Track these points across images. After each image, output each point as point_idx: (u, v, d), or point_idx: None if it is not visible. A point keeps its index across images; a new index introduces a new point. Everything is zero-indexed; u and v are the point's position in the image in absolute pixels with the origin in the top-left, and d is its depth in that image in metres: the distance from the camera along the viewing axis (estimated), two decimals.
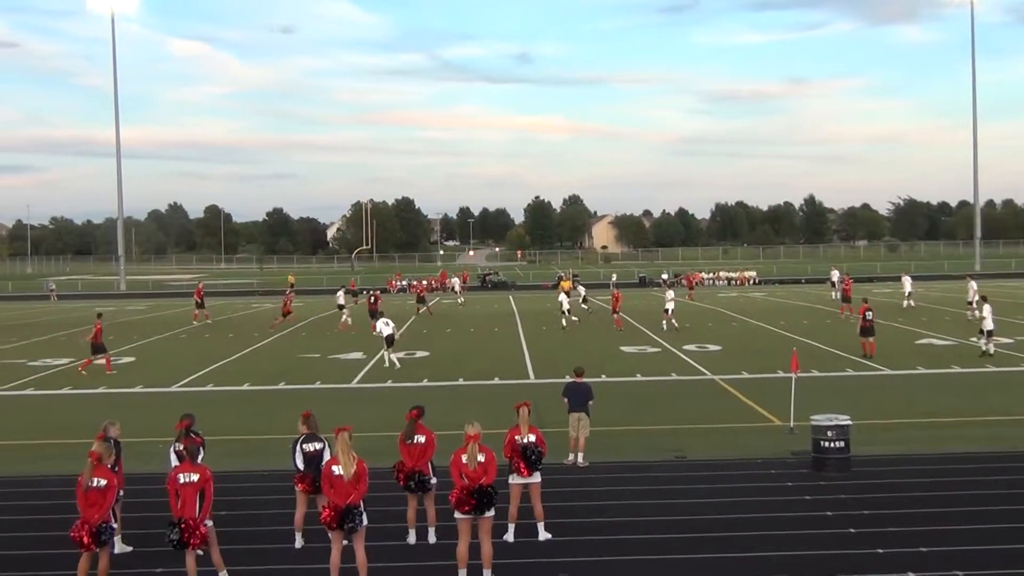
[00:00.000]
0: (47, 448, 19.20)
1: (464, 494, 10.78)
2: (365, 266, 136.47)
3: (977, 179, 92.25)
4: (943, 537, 12.20)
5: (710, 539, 12.39)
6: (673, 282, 79.57)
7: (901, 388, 24.28)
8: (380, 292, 47.64)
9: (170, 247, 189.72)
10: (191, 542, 10.45)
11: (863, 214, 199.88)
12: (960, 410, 21.05)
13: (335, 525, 10.52)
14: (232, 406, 23.58)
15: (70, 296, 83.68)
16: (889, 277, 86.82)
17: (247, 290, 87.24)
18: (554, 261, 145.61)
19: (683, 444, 18.11)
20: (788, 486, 14.92)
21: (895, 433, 18.82)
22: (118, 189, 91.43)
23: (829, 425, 15.56)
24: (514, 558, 11.67)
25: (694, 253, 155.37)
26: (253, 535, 12.77)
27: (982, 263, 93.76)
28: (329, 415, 17.41)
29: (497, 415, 17.28)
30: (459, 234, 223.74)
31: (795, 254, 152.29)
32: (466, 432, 11.13)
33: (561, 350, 33.50)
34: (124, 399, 25.08)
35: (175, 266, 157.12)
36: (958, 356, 29.33)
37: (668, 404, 22.80)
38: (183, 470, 10.74)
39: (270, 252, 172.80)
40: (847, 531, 12.59)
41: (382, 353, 31.02)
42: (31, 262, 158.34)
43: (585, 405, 16.54)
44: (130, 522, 12.75)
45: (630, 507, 13.97)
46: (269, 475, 16.00)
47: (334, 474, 10.64)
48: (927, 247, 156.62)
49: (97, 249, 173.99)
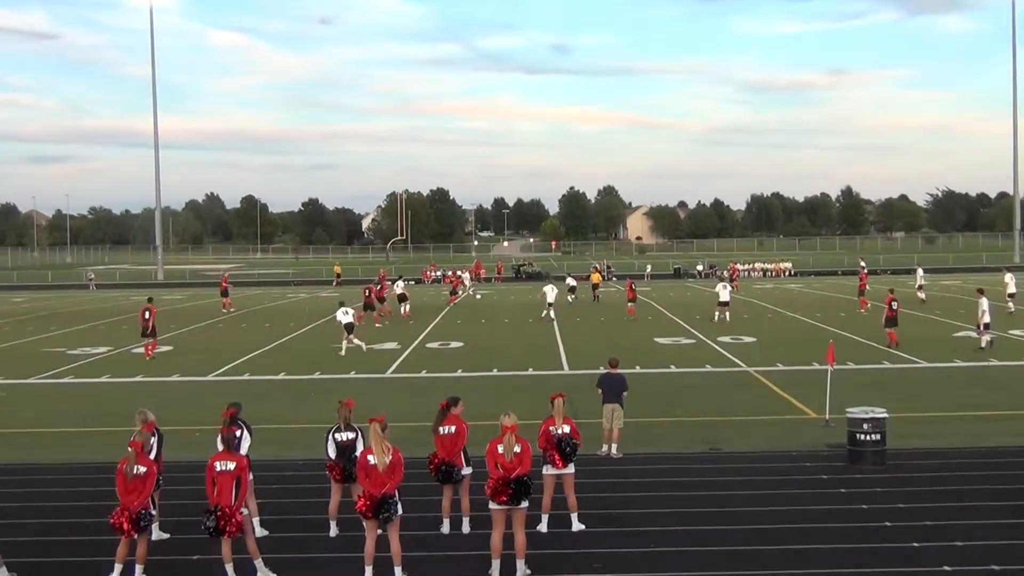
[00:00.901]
0: (86, 436, 19.44)
1: (500, 484, 10.79)
2: (400, 256, 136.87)
3: (1017, 170, 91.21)
4: (980, 531, 12.09)
5: (744, 531, 12.35)
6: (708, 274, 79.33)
7: (938, 381, 24.07)
8: (375, 285, 47.35)
9: (207, 237, 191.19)
10: (227, 529, 10.55)
11: (900, 205, 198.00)
12: (998, 403, 20.86)
13: (370, 515, 10.58)
14: (268, 395, 23.75)
15: (109, 286, 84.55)
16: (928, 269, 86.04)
17: (283, 280, 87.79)
18: (588, 252, 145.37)
19: (717, 436, 18.06)
20: (823, 479, 14.85)
21: (932, 427, 18.67)
22: (156, 179, 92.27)
23: (865, 418, 15.45)
24: (548, 548, 11.69)
25: (729, 244, 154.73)
26: (288, 523, 12.87)
27: (1021, 255, 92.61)
28: (363, 405, 17.53)
29: (532, 406, 17.30)
30: (493, 225, 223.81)
31: (831, 246, 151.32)
32: (502, 423, 11.15)
33: (595, 341, 33.48)
34: (161, 388, 25.35)
35: (212, 256, 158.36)
36: (996, 349, 29.00)
37: (702, 396, 22.72)
38: (220, 458, 10.85)
39: (306, 242, 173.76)
40: (883, 524, 12.50)
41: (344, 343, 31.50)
42: (70, 252, 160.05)
43: (619, 396, 16.52)
44: (167, 509, 12.88)
45: (663, 499, 13.96)
46: (304, 464, 16.12)
47: (369, 464, 10.70)
48: (965, 239, 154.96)
49: (135, 239, 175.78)
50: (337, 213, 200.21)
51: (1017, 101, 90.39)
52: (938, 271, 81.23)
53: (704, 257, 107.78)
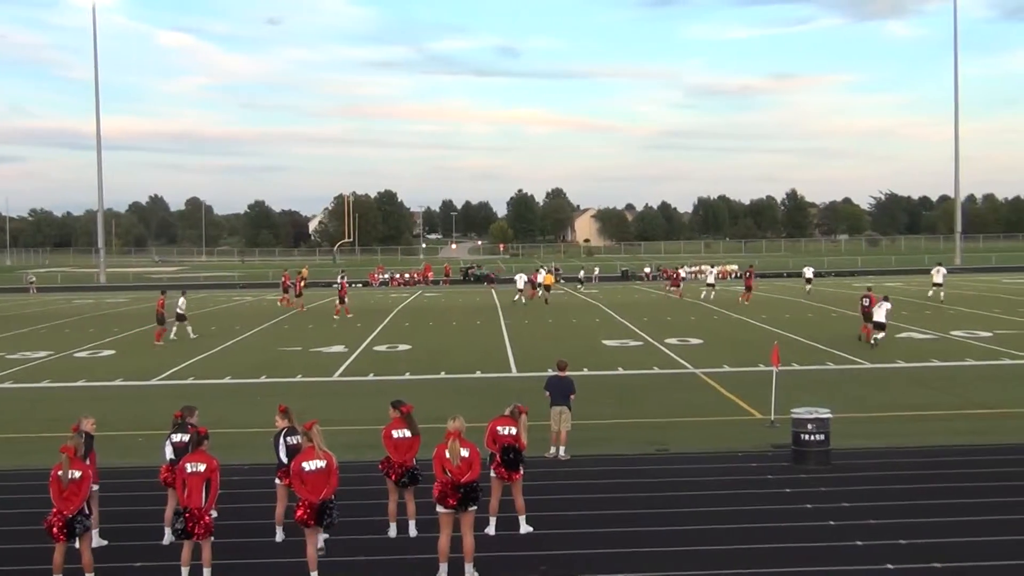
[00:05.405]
0: (25, 442, 19.08)
1: (449, 489, 10.73)
2: (347, 259, 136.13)
3: (958, 174, 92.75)
4: (922, 529, 12.27)
5: (691, 532, 12.42)
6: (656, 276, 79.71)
7: (881, 382, 24.37)
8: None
9: (151, 240, 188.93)
10: (195, 531, 10.42)
11: (844, 208, 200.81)
12: (940, 404, 21.17)
13: (312, 522, 10.49)
14: (213, 399, 23.47)
15: (50, 289, 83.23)
16: (870, 271, 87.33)
17: (228, 283, 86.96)
18: (536, 254, 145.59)
19: (664, 437, 18.15)
20: (768, 479, 14.97)
21: (876, 427, 18.90)
22: (98, 181, 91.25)
23: (809, 418, 15.62)
24: (495, 551, 11.66)
25: (676, 247, 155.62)
26: (234, 529, 12.72)
27: (962, 257, 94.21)
28: (310, 409, 17.43)
29: (480, 409, 17.27)
30: (441, 227, 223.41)
31: (777, 248, 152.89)
32: (448, 427, 11.10)
33: (543, 343, 33.51)
34: (104, 392, 24.96)
35: (155, 258, 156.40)
36: (938, 350, 29.44)
37: (650, 397, 22.82)
38: (190, 459, 10.70)
39: (252, 245, 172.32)
40: (827, 523, 12.64)
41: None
42: (10, 254, 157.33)
43: (567, 399, 16.55)
44: (107, 516, 12.69)
45: (611, 500, 13.99)
46: (250, 468, 15.95)
47: (305, 470, 10.60)
48: (907, 241, 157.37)
49: (77, 241, 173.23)
50: (284, 215, 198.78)
51: (959, 106, 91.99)
52: (881, 273, 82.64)
53: (651, 260, 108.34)
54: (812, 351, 29.80)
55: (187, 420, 12.45)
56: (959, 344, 30.87)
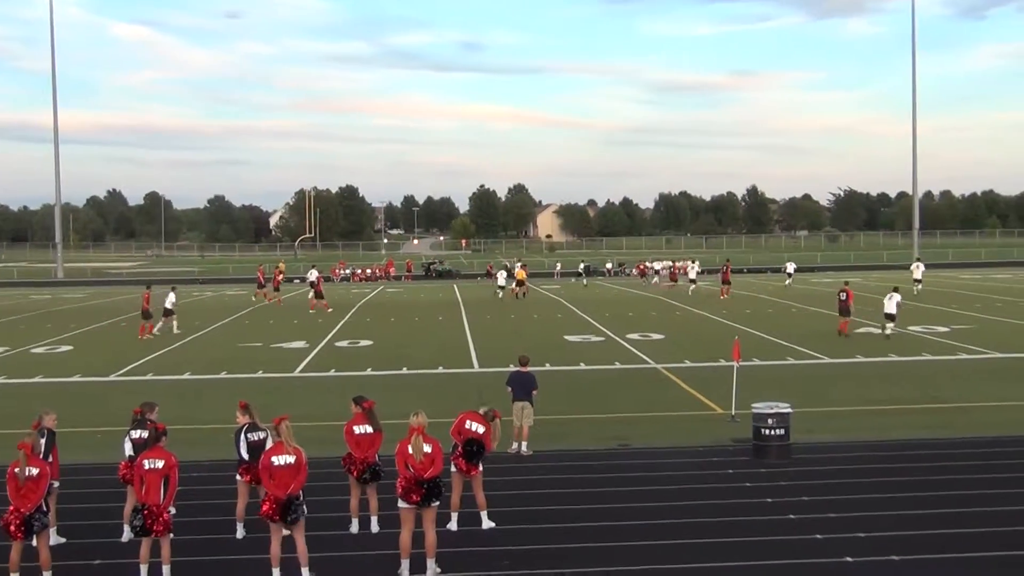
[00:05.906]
0: None
1: (412, 484, 10.69)
2: (308, 254, 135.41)
3: (916, 170, 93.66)
4: (881, 523, 12.37)
5: (652, 526, 12.46)
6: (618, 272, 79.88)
7: (841, 376, 24.57)
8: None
9: (109, 234, 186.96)
10: (154, 529, 10.31)
11: (804, 205, 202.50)
12: (899, 398, 21.35)
13: (277, 517, 10.41)
14: (172, 396, 23.24)
15: (6, 284, 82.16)
16: (829, 267, 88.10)
17: (188, 278, 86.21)
18: (498, 250, 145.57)
19: (626, 432, 18.20)
20: (729, 473, 15.05)
21: (836, 421, 19.07)
22: (56, 174, 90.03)
23: (770, 413, 15.73)
24: (457, 547, 11.64)
25: (638, 243, 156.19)
26: (194, 526, 12.60)
27: (920, 253, 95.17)
28: (271, 405, 17.33)
29: (442, 404, 17.23)
30: (403, 223, 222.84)
31: (737, 244, 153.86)
32: (410, 423, 11.06)
33: (505, 339, 33.52)
34: (61, 388, 24.66)
35: (114, 253, 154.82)
36: (896, 346, 29.74)
37: (611, 393, 22.88)
38: (148, 456, 10.59)
39: (212, 240, 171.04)
40: (787, 517, 12.73)
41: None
42: None
43: (529, 394, 16.56)
44: (66, 513, 12.54)
45: (573, 495, 14.01)
46: (209, 464, 15.82)
47: (274, 465, 10.54)
48: (866, 237, 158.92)
49: (34, 236, 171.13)
50: (244, 210, 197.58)
51: (917, 103, 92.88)
52: (840, 269, 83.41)
53: (613, 255, 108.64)
54: (773, 346, 30.00)
55: (147, 416, 12.35)
56: (917, 339, 31.20)
